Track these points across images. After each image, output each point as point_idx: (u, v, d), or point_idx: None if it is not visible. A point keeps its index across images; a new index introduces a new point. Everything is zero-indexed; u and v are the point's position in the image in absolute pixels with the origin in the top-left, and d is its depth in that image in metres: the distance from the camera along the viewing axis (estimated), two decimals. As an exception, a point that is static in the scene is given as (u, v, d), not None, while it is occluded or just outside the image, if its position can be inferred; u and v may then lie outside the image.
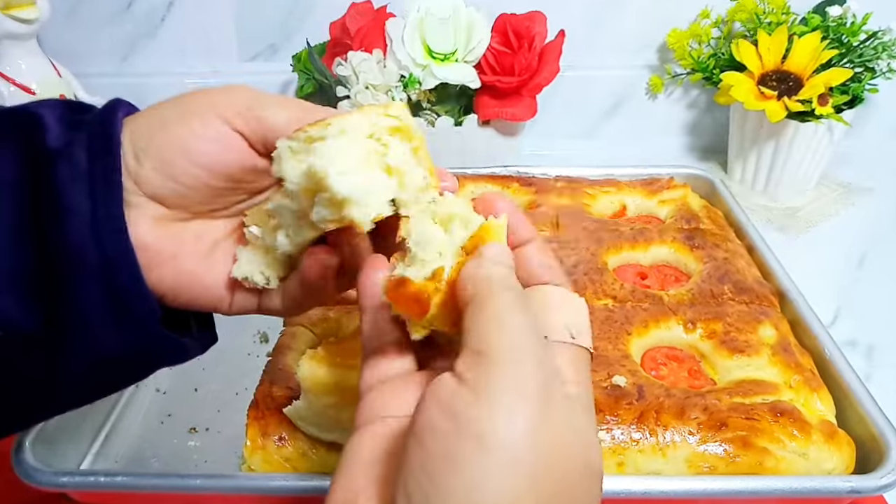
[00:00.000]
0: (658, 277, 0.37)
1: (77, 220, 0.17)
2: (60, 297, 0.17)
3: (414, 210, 0.18)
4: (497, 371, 0.13)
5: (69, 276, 0.17)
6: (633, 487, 0.25)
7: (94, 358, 0.18)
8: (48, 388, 0.19)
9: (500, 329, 0.14)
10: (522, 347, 0.14)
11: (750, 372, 0.29)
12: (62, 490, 0.27)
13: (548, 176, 0.46)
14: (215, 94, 0.19)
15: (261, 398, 0.28)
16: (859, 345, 0.38)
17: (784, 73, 0.47)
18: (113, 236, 0.17)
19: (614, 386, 0.28)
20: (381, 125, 0.18)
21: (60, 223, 0.17)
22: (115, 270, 0.17)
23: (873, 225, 0.49)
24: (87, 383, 0.20)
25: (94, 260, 0.17)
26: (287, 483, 0.25)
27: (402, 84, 0.48)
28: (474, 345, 0.14)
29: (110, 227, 0.17)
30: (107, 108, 0.19)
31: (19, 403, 0.19)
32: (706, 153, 0.58)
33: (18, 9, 0.47)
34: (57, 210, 0.17)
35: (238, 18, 0.55)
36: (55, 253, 0.17)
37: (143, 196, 0.18)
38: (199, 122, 0.18)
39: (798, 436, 0.26)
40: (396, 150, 0.18)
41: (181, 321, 0.20)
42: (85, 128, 0.18)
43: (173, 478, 0.26)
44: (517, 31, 0.48)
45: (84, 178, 0.17)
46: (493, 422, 0.13)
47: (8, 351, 0.17)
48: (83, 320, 0.17)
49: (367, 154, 0.17)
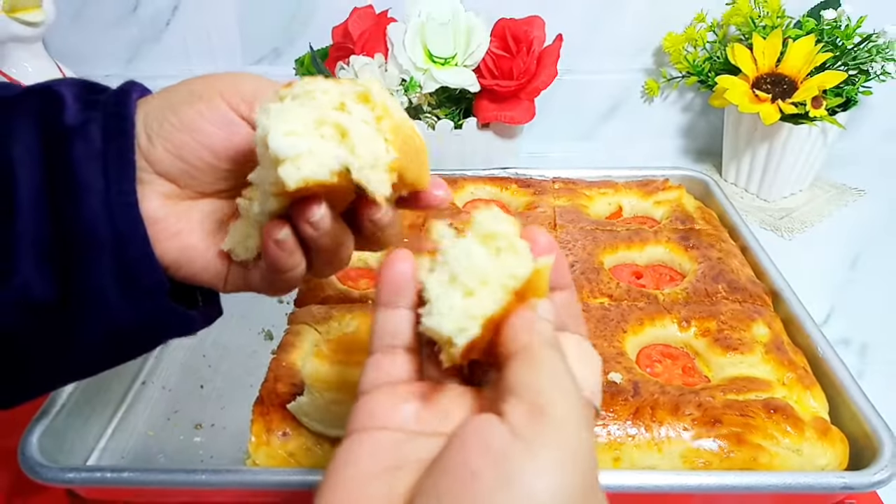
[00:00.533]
0: (653, 277, 0.38)
1: (91, 196, 0.18)
2: (74, 269, 0.18)
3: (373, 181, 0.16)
4: (558, 434, 0.14)
5: (83, 250, 0.18)
6: (628, 482, 0.26)
7: (105, 328, 0.19)
8: (61, 357, 0.20)
9: (562, 392, 0.14)
10: (579, 415, 0.14)
11: (743, 369, 0.30)
12: (69, 486, 0.27)
13: (546, 178, 0.46)
14: (223, 79, 0.19)
15: (265, 394, 0.28)
16: (852, 343, 0.39)
17: (778, 76, 0.48)
18: (125, 212, 0.18)
19: (610, 382, 0.29)
20: (349, 93, 0.17)
21: (75, 199, 0.18)
22: (125, 244, 0.18)
23: (866, 226, 0.49)
24: (99, 352, 0.20)
25: (107, 234, 0.18)
26: (291, 478, 0.26)
27: (403, 87, 0.48)
28: (531, 398, 0.14)
29: (122, 203, 0.18)
30: (121, 90, 0.19)
31: (34, 371, 0.20)
32: (701, 155, 0.59)
33: (24, 12, 0.47)
34: (72, 186, 0.18)
35: (242, 22, 0.56)
36: (70, 227, 0.18)
37: (155, 174, 0.19)
38: (206, 106, 0.19)
39: (791, 432, 0.26)
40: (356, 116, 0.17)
41: (188, 295, 0.21)
42: (100, 107, 0.19)
43: (179, 473, 0.26)
44: (516, 36, 0.48)
45: (99, 157, 0.18)
46: (546, 481, 0.13)
47: (25, 318, 0.18)
48: (96, 292, 0.18)
49: (322, 118, 0.16)
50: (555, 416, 0.14)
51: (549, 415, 0.14)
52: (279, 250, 0.19)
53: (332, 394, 0.25)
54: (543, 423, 0.14)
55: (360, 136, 0.17)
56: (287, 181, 0.16)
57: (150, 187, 0.19)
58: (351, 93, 0.17)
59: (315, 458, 0.27)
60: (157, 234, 0.19)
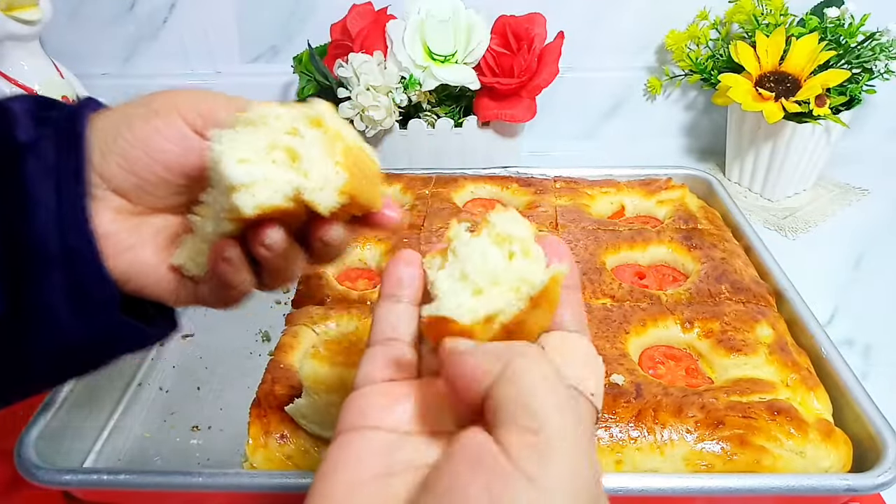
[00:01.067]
0: (656, 277, 0.38)
1: (43, 212, 0.18)
2: (24, 284, 0.18)
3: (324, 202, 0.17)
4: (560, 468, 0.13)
5: (33, 265, 0.18)
6: (630, 485, 0.25)
7: (58, 342, 0.19)
8: (12, 373, 0.20)
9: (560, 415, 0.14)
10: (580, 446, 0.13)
11: (747, 371, 0.30)
12: (65, 488, 0.27)
13: (547, 177, 0.46)
14: (180, 95, 0.19)
15: (263, 396, 0.28)
16: (856, 344, 0.38)
17: (782, 75, 0.48)
18: (76, 228, 0.18)
19: (612, 384, 0.28)
20: (301, 117, 0.17)
21: (26, 214, 0.18)
22: (76, 259, 0.18)
23: (870, 225, 0.49)
24: (52, 366, 0.20)
25: (57, 250, 0.18)
26: (289, 481, 0.25)
27: (403, 85, 0.48)
28: (526, 422, 0.13)
29: (74, 220, 0.18)
30: (75, 107, 0.19)
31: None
32: (704, 154, 0.58)
33: (21, 10, 0.47)
34: (24, 202, 0.18)
35: (239, 20, 0.56)
36: (20, 242, 0.18)
37: (107, 189, 0.19)
38: (163, 122, 0.19)
39: (795, 434, 0.26)
40: (307, 140, 0.17)
41: (141, 310, 0.21)
42: (53, 124, 0.19)
43: (176, 475, 0.26)
44: (516, 33, 0.48)
45: (51, 173, 0.18)
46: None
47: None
48: (46, 307, 0.18)
49: (273, 142, 0.17)
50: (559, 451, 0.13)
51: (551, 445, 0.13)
52: (228, 267, 0.19)
53: (331, 396, 0.25)
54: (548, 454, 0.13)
55: (310, 160, 0.17)
56: (243, 208, 0.17)
57: (102, 203, 0.19)
58: (303, 117, 0.18)
59: (313, 461, 0.27)
60: (108, 249, 0.19)
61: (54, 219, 0.18)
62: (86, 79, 0.53)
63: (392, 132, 0.50)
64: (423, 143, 0.51)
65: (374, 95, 0.47)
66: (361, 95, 0.47)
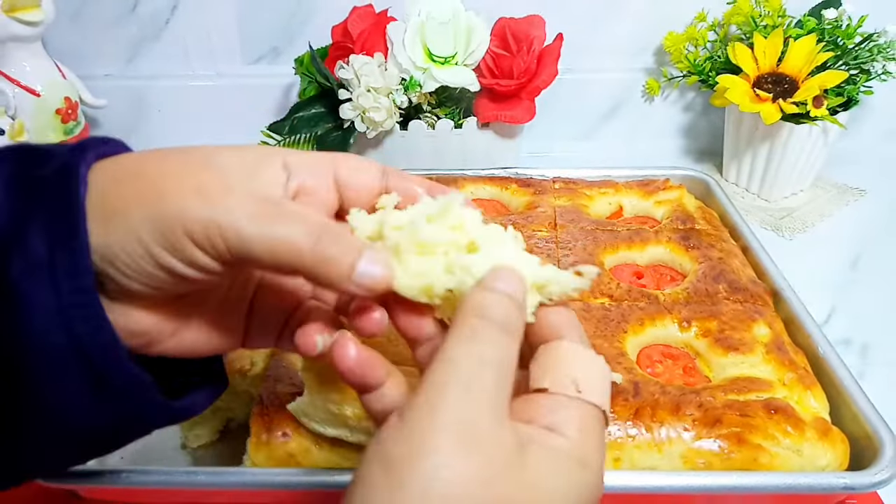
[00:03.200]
0: (654, 277, 0.38)
1: (39, 312, 0.15)
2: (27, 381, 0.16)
3: None
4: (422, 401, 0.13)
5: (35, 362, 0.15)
6: (628, 483, 0.25)
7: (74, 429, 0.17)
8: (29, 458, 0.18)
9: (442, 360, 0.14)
10: (453, 376, 0.13)
11: (744, 369, 0.30)
12: (69, 486, 0.27)
13: (546, 177, 0.46)
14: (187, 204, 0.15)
15: (265, 395, 0.28)
16: (853, 343, 0.39)
17: (779, 76, 0.48)
18: (84, 322, 0.15)
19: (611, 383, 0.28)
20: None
21: (20, 316, 0.15)
22: (90, 353, 0.15)
23: (867, 226, 0.49)
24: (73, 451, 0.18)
25: (64, 344, 0.15)
26: (291, 478, 0.26)
27: (403, 87, 0.48)
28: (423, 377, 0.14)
29: (80, 314, 0.15)
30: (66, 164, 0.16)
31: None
32: (702, 155, 0.59)
33: (23, 11, 0.47)
34: (14, 304, 0.15)
35: (241, 21, 0.56)
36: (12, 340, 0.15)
37: (128, 296, 0.16)
38: (174, 249, 0.15)
39: (792, 432, 0.26)
40: None
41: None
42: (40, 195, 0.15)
43: (178, 474, 0.26)
44: (516, 35, 0.48)
45: (43, 268, 0.15)
46: (403, 450, 0.13)
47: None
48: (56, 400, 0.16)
49: None
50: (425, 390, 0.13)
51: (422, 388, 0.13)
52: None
53: (332, 394, 0.25)
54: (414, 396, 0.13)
55: None
56: None
57: (126, 303, 0.16)
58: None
59: (315, 459, 0.27)
60: (149, 342, 0.17)
61: (54, 314, 0.15)
62: (88, 80, 0.54)
63: (392, 133, 0.50)
64: (423, 144, 0.51)
65: (375, 97, 0.47)
66: (362, 97, 0.47)
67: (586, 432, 0.15)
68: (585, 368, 0.17)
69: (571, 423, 0.15)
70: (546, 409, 0.15)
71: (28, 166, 0.16)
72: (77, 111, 0.52)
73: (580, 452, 0.15)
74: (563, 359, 0.17)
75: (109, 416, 0.17)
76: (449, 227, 0.17)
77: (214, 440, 0.31)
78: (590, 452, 0.15)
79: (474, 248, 0.17)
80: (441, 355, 0.14)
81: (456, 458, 0.13)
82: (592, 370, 0.17)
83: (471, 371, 0.14)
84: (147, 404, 0.17)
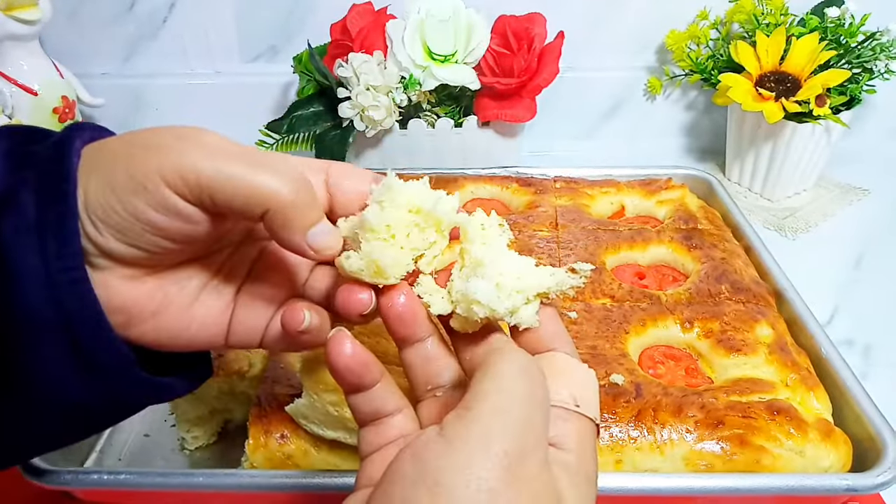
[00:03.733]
0: (656, 277, 0.38)
1: (27, 279, 0.15)
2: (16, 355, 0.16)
3: None
4: (473, 426, 0.14)
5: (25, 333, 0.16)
6: (630, 485, 0.25)
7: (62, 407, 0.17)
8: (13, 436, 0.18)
9: (497, 390, 0.14)
10: (505, 407, 0.14)
11: (747, 370, 0.30)
12: (66, 488, 0.27)
13: (547, 177, 0.46)
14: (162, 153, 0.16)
15: (263, 396, 0.28)
16: (856, 344, 0.38)
17: (782, 75, 0.48)
18: (71, 293, 0.16)
19: (612, 384, 0.28)
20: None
21: (8, 283, 0.15)
22: (77, 327, 0.16)
23: (871, 225, 0.49)
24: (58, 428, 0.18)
25: (52, 318, 0.16)
26: (289, 480, 0.26)
27: (403, 85, 0.48)
28: (466, 402, 0.14)
29: (67, 283, 0.15)
30: (61, 138, 0.16)
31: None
32: (704, 154, 0.58)
33: (21, 10, 0.47)
34: (3, 270, 0.15)
35: (239, 19, 0.56)
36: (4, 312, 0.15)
37: (109, 260, 0.17)
38: (152, 197, 0.16)
39: (795, 434, 0.26)
40: None
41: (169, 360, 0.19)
42: (34, 164, 0.16)
43: (176, 475, 0.26)
44: (516, 33, 0.48)
45: (32, 230, 0.15)
46: (452, 473, 0.13)
47: None
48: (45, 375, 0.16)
49: None
50: (477, 413, 0.14)
51: (472, 410, 0.14)
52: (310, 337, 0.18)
53: (330, 395, 0.25)
54: (466, 419, 0.14)
55: None
56: None
57: (108, 273, 0.17)
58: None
59: (313, 461, 0.27)
60: (128, 321, 0.17)
61: (42, 285, 0.15)
62: (85, 78, 0.53)
63: (392, 132, 0.50)
64: (423, 143, 0.51)
65: (374, 95, 0.47)
66: (361, 95, 0.47)
67: (584, 445, 0.16)
68: (581, 382, 0.17)
69: (571, 437, 0.16)
70: None
71: (25, 143, 0.17)
72: (74, 110, 0.52)
73: (586, 468, 0.15)
74: (561, 372, 0.17)
75: (93, 392, 0.17)
76: (408, 211, 0.18)
77: (212, 442, 0.31)
78: (591, 466, 0.16)
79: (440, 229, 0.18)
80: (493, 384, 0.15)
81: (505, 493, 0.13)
82: (588, 384, 0.17)
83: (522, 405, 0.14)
84: (131, 381, 0.17)
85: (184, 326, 0.18)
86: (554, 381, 0.16)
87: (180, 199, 0.16)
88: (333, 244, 0.17)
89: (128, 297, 0.17)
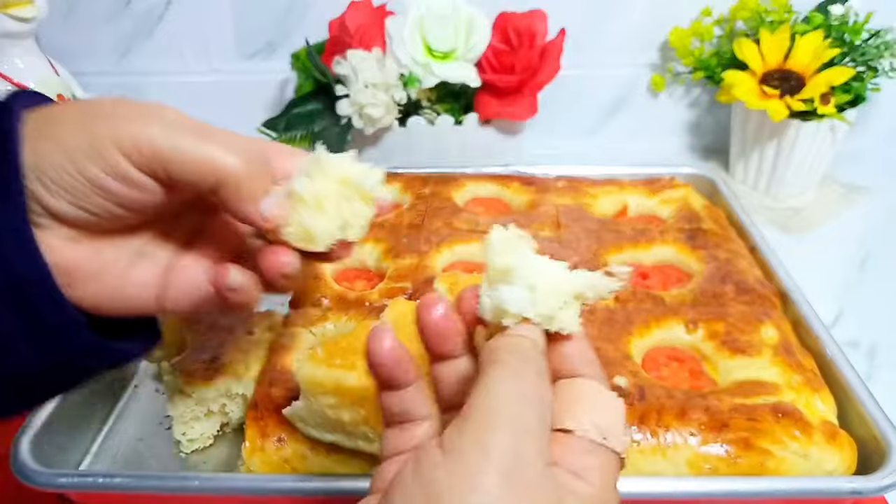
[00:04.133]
0: (659, 278, 0.37)
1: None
2: None
3: None
4: (469, 435, 0.13)
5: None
6: (633, 489, 0.25)
7: (14, 371, 0.17)
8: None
9: (488, 394, 0.14)
10: (502, 413, 0.14)
11: (751, 373, 0.29)
12: (61, 491, 0.26)
13: (549, 175, 0.45)
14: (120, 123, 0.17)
15: (260, 399, 0.27)
16: (861, 345, 0.38)
17: (786, 72, 0.47)
18: (18, 251, 0.16)
19: (615, 387, 0.28)
20: None
21: None
22: (25, 287, 0.16)
23: (876, 225, 0.48)
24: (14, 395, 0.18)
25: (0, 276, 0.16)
26: (286, 484, 0.25)
27: (402, 83, 0.47)
28: (463, 410, 0.14)
29: (14, 242, 0.16)
30: (3, 105, 0.17)
31: None
32: (708, 152, 0.58)
33: (16, 7, 0.46)
34: None
35: (236, 17, 0.55)
36: None
37: (56, 221, 0.17)
38: (107, 163, 0.17)
39: (799, 436, 0.26)
40: None
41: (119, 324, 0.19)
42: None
43: (172, 479, 0.26)
44: (518, 30, 0.47)
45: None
46: (451, 483, 0.13)
47: None
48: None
49: None
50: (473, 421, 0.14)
51: (468, 419, 0.14)
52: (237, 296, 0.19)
53: (328, 399, 0.24)
54: (462, 427, 0.14)
55: None
56: None
57: (52, 232, 0.17)
58: None
59: (310, 464, 0.26)
60: (69, 281, 0.17)
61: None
62: (81, 76, 0.53)
63: (391, 130, 0.50)
64: (422, 141, 0.50)
65: (373, 93, 0.46)
66: (360, 93, 0.46)
67: (607, 480, 0.15)
68: (608, 412, 0.16)
69: (595, 471, 0.15)
70: (571, 452, 0.15)
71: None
72: (71, 108, 0.52)
73: (604, 501, 0.15)
74: (588, 400, 0.16)
75: (45, 356, 0.17)
76: (336, 182, 0.19)
77: (209, 445, 0.31)
78: (611, 501, 0.15)
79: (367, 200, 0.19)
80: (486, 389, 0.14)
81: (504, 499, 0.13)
82: (615, 414, 0.16)
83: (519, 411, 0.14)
84: (82, 343, 0.18)
85: (119, 289, 0.19)
86: (579, 411, 0.16)
87: (135, 169, 0.17)
88: (285, 213, 0.18)
89: (70, 258, 0.17)
